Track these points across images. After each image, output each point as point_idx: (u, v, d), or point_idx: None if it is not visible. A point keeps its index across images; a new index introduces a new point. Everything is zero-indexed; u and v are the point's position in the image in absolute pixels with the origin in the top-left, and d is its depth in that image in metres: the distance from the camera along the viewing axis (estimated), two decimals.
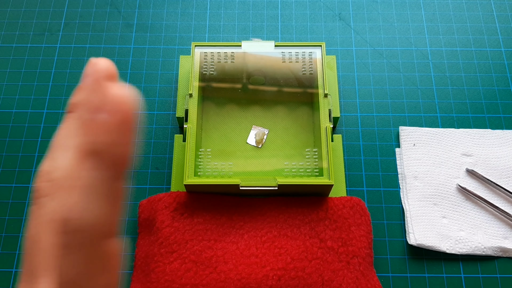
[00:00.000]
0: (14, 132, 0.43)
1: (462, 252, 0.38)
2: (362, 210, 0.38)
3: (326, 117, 0.39)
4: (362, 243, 0.36)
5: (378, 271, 0.38)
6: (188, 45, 0.48)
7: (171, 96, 0.45)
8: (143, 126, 0.44)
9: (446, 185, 0.40)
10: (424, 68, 0.46)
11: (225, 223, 0.37)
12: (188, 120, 0.39)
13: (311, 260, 0.35)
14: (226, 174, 0.40)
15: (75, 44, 0.48)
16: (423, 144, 0.42)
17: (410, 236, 0.38)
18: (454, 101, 0.45)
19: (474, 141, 0.42)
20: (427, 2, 0.50)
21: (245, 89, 0.43)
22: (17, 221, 0.40)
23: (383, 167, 0.42)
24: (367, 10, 0.49)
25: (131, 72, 0.46)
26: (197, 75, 0.41)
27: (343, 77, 0.46)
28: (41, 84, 0.46)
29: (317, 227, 0.37)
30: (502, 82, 0.45)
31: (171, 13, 0.49)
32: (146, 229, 0.38)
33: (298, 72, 0.43)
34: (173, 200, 0.37)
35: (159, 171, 0.42)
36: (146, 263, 0.36)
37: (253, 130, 0.42)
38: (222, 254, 0.36)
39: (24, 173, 0.41)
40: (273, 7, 0.50)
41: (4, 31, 0.48)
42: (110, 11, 0.50)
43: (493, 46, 0.47)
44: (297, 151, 0.41)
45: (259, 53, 0.43)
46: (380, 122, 0.44)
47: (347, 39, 0.48)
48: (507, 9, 0.49)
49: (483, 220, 0.39)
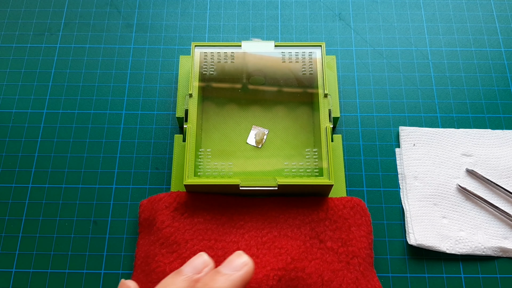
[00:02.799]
0: (14, 132, 0.43)
1: (462, 252, 0.38)
2: (362, 210, 0.38)
3: (326, 117, 0.39)
4: (362, 243, 0.36)
5: (378, 271, 0.38)
6: (188, 45, 0.48)
7: (171, 96, 0.45)
8: (143, 126, 0.44)
9: (446, 185, 0.40)
10: (424, 68, 0.46)
11: (225, 223, 0.37)
12: (188, 120, 0.39)
13: (311, 260, 0.35)
14: (226, 174, 0.40)
15: (75, 44, 0.48)
16: (423, 144, 0.42)
17: (410, 236, 0.38)
18: (454, 101, 0.45)
19: (474, 141, 0.42)
20: (427, 2, 0.50)
21: (245, 89, 0.43)
22: (17, 221, 0.40)
23: (383, 167, 0.42)
24: (367, 10, 0.49)
25: (131, 72, 0.46)
26: (197, 75, 0.41)
27: (343, 77, 0.46)
28: (41, 84, 0.46)
29: (317, 227, 0.37)
30: (502, 82, 0.45)
31: (171, 13, 0.49)
32: (146, 229, 0.38)
33: (298, 72, 0.43)
34: (174, 200, 0.37)
35: (159, 171, 0.42)
36: (146, 263, 0.36)
37: (253, 130, 0.42)
38: (222, 254, 0.36)
39: (24, 173, 0.41)
40: (273, 7, 0.50)
41: (4, 31, 0.48)
42: (110, 11, 0.50)
43: (493, 46, 0.47)
44: (297, 151, 0.41)
45: (259, 53, 0.43)
46: (380, 122, 0.44)
47: (347, 39, 0.48)
48: (507, 9, 0.49)
49: (483, 220, 0.39)
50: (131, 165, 0.42)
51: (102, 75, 0.46)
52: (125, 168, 0.42)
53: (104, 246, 0.39)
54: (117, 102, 0.45)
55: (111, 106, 0.44)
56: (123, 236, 0.39)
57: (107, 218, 0.40)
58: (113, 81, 0.46)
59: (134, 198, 0.40)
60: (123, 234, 0.39)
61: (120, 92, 0.45)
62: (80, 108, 0.44)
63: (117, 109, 0.44)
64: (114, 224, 0.39)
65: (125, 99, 0.45)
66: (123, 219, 0.40)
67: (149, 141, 0.43)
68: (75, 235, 0.39)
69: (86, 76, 0.46)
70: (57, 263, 0.38)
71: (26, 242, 0.39)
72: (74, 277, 0.38)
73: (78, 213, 0.40)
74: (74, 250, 0.39)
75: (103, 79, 0.46)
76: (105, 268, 0.38)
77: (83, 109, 0.44)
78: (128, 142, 0.43)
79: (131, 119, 0.44)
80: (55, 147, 0.43)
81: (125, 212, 0.40)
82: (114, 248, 0.39)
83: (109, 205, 0.40)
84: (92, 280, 0.37)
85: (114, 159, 0.42)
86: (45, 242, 0.39)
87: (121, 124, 0.44)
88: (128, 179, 0.41)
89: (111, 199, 0.40)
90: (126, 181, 0.41)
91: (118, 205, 0.40)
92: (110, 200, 0.40)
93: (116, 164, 0.42)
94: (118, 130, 0.43)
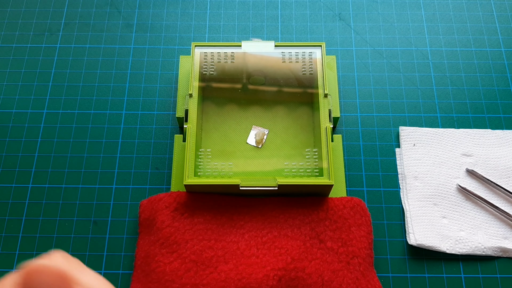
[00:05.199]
0: (14, 132, 0.43)
1: (462, 252, 0.38)
2: (362, 210, 0.38)
3: (326, 117, 0.39)
4: (362, 243, 0.36)
5: (378, 271, 0.38)
6: (188, 45, 0.48)
7: (171, 96, 0.45)
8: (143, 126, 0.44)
9: (446, 185, 0.40)
10: (424, 68, 0.46)
11: (225, 223, 0.37)
12: (188, 120, 0.39)
13: (311, 260, 0.35)
14: (226, 174, 0.40)
15: (75, 44, 0.48)
16: (423, 144, 0.42)
17: (410, 236, 0.38)
18: (454, 101, 0.45)
19: (474, 141, 0.42)
20: (427, 2, 0.50)
21: (245, 89, 0.43)
22: (17, 221, 0.40)
23: (383, 167, 0.42)
24: (367, 10, 0.49)
25: (131, 72, 0.46)
26: (197, 75, 0.41)
27: (343, 77, 0.46)
28: (41, 84, 0.46)
29: (317, 227, 0.37)
30: (502, 82, 0.45)
31: (171, 13, 0.49)
32: (146, 229, 0.38)
33: (298, 72, 0.43)
34: (174, 200, 0.37)
35: (159, 171, 0.42)
36: (146, 263, 0.36)
37: (253, 130, 0.42)
38: (222, 254, 0.36)
39: (24, 173, 0.41)
40: (273, 7, 0.50)
41: (4, 31, 0.48)
42: (110, 11, 0.50)
43: (493, 46, 0.47)
44: (297, 151, 0.41)
45: (259, 53, 0.43)
46: (380, 122, 0.44)
47: (347, 39, 0.48)
48: (507, 9, 0.49)
49: (483, 220, 0.39)
50: (131, 165, 0.42)
51: (102, 75, 0.46)
52: (125, 168, 0.42)
53: (104, 246, 0.39)
54: (117, 102, 0.45)
55: (111, 106, 0.44)
56: (123, 236, 0.39)
57: (107, 218, 0.40)
58: (113, 81, 0.46)
59: (134, 198, 0.40)
60: (123, 234, 0.39)
61: (120, 92, 0.45)
62: (80, 108, 0.44)
63: (117, 109, 0.44)
64: (114, 224, 0.39)
65: (125, 99, 0.45)
66: (123, 219, 0.40)
67: (149, 141, 0.43)
68: (75, 235, 0.39)
69: (86, 76, 0.46)
70: None
71: (26, 242, 0.39)
72: None
73: (78, 213, 0.40)
74: (74, 250, 0.39)
75: (103, 79, 0.46)
76: (105, 268, 0.38)
77: (83, 109, 0.44)
78: (128, 142, 0.43)
79: (131, 119, 0.44)
80: (55, 147, 0.43)
81: (125, 212, 0.40)
82: (114, 248, 0.39)
83: (109, 205, 0.40)
84: None
85: (114, 159, 0.42)
86: (45, 242, 0.39)
87: (121, 124, 0.44)
88: (128, 179, 0.41)
89: (111, 199, 0.40)
90: (126, 181, 0.41)
91: (118, 205, 0.40)
92: (110, 200, 0.40)
93: (116, 164, 0.42)
94: (118, 130, 0.43)
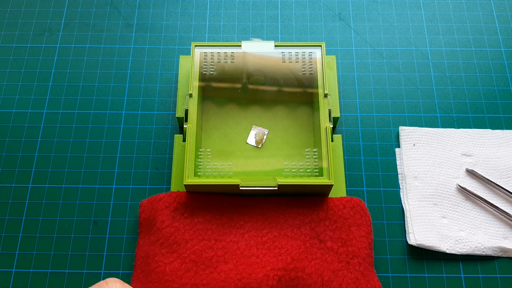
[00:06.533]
0: (14, 132, 0.43)
1: (462, 252, 0.38)
2: (362, 210, 0.38)
3: (326, 117, 0.39)
4: (362, 243, 0.36)
5: (378, 271, 0.38)
6: (188, 45, 0.48)
7: (171, 96, 0.45)
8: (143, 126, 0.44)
9: (446, 185, 0.40)
10: (424, 68, 0.46)
11: (225, 223, 0.37)
12: (188, 120, 0.39)
13: (311, 260, 0.35)
14: (226, 174, 0.40)
15: (75, 44, 0.48)
16: (423, 144, 0.42)
17: (410, 236, 0.38)
18: (454, 101, 0.45)
19: (474, 141, 0.42)
20: (427, 2, 0.50)
21: (245, 89, 0.43)
22: (17, 221, 0.40)
23: (383, 167, 0.42)
24: (367, 10, 0.49)
25: (131, 72, 0.46)
26: (197, 75, 0.41)
27: (343, 77, 0.46)
28: (41, 84, 0.46)
29: (317, 227, 0.37)
30: (502, 82, 0.45)
31: (171, 13, 0.49)
32: (146, 229, 0.38)
33: (298, 72, 0.43)
34: (174, 200, 0.37)
35: (159, 171, 0.42)
36: (146, 263, 0.36)
37: (253, 130, 0.42)
38: (222, 254, 0.36)
39: (24, 173, 0.41)
40: (273, 7, 0.50)
41: (4, 31, 0.48)
42: (110, 11, 0.50)
43: (493, 46, 0.47)
44: (297, 151, 0.41)
45: (259, 53, 0.43)
46: (380, 122, 0.44)
47: (347, 39, 0.48)
48: (507, 9, 0.49)
49: (483, 220, 0.39)
50: (131, 165, 0.42)
51: (102, 75, 0.46)
52: (125, 168, 0.42)
53: (104, 246, 0.39)
54: (117, 102, 0.45)
55: (111, 106, 0.44)
56: (123, 236, 0.39)
57: (107, 218, 0.40)
58: (113, 81, 0.46)
59: (134, 198, 0.40)
60: (123, 234, 0.39)
61: (120, 92, 0.45)
62: (80, 108, 0.44)
63: (117, 109, 0.44)
64: (114, 224, 0.39)
65: (125, 99, 0.45)
66: (123, 219, 0.40)
67: (149, 141, 0.43)
68: (75, 235, 0.39)
69: (86, 76, 0.46)
70: (57, 263, 0.38)
71: (26, 242, 0.39)
72: (74, 277, 0.38)
73: (78, 213, 0.40)
74: (74, 250, 0.39)
75: (103, 79, 0.46)
76: (105, 268, 0.38)
77: (83, 109, 0.44)
78: (128, 142, 0.43)
79: (131, 119, 0.44)
80: (55, 147, 0.43)
81: (125, 212, 0.40)
82: (114, 248, 0.39)
83: (109, 205, 0.40)
84: (92, 280, 0.37)
85: (114, 159, 0.42)
86: (45, 242, 0.39)
87: (121, 124, 0.44)
88: (128, 179, 0.41)
89: (111, 199, 0.40)
90: (126, 181, 0.41)
91: (118, 205, 0.40)
92: (110, 200, 0.40)
93: (116, 164, 0.42)
94: (118, 130, 0.43)
